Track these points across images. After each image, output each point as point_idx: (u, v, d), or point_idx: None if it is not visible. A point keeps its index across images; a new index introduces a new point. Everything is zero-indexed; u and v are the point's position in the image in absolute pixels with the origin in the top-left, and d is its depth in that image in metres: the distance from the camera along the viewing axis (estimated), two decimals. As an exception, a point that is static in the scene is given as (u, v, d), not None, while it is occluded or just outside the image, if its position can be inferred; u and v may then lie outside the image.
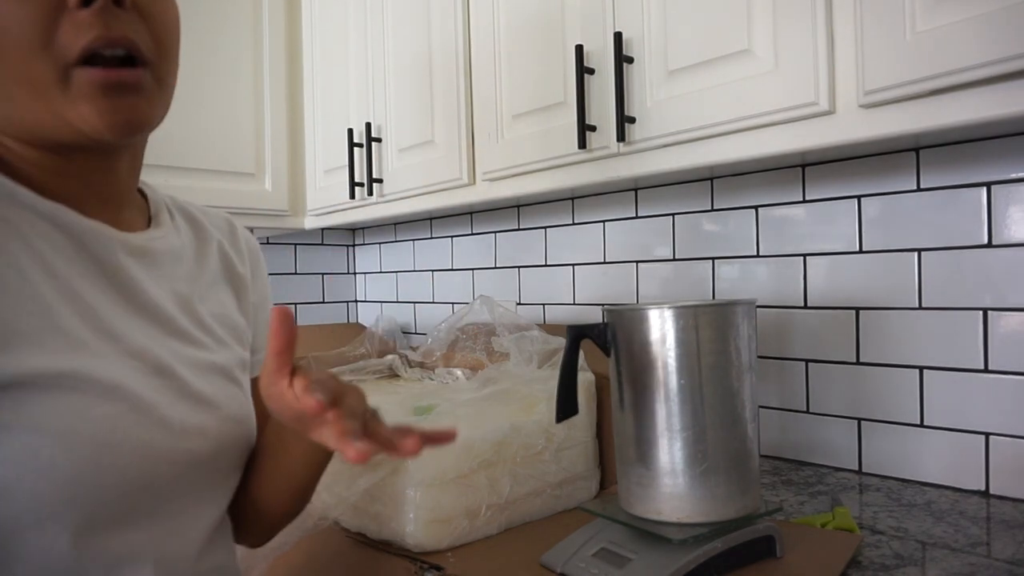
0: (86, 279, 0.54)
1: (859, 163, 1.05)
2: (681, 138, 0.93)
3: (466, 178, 1.26)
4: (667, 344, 0.72)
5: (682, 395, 0.72)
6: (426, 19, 1.33)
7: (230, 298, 0.71)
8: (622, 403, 0.76)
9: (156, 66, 0.55)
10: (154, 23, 0.55)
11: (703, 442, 0.72)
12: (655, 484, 0.73)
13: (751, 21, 0.85)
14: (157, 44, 0.55)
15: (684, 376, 0.72)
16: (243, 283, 0.73)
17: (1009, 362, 0.92)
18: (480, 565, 0.79)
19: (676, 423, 0.72)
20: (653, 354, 0.73)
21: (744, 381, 0.74)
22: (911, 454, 1.01)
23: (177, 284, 0.63)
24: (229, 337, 0.68)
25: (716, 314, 0.73)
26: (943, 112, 0.72)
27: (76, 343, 0.51)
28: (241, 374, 0.68)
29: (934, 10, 0.70)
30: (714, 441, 0.72)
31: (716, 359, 0.73)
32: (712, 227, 1.24)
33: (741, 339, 0.74)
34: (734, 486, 0.73)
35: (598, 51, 1.01)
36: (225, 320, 0.68)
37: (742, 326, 0.74)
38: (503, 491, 0.87)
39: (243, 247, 0.75)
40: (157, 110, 0.56)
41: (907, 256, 1.01)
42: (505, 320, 1.16)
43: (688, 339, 0.72)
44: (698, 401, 0.72)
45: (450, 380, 1.25)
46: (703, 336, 0.72)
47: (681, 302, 0.74)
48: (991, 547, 0.77)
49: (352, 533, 0.88)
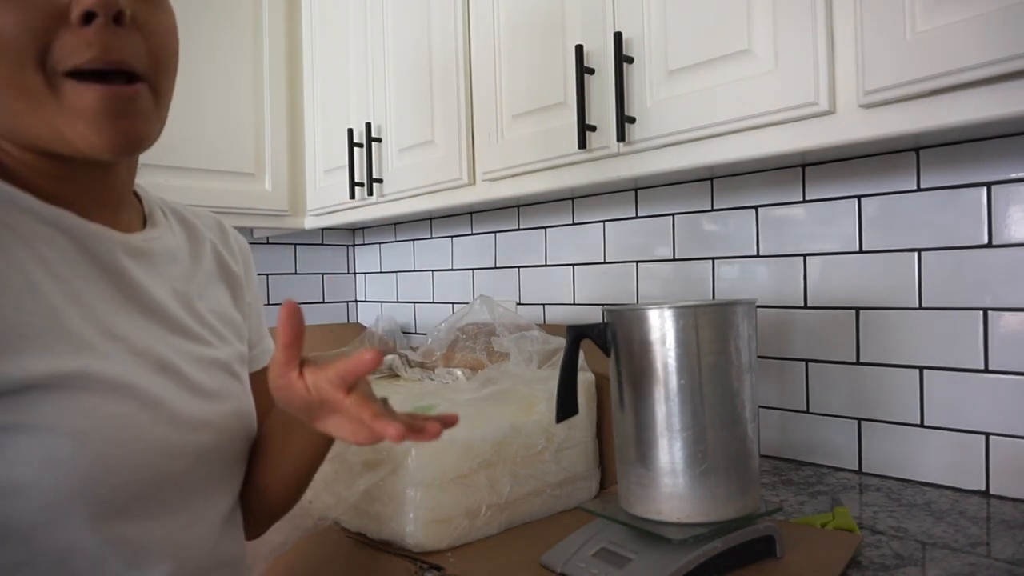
0: (88, 281, 0.55)
1: (859, 163, 1.05)
2: (681, 138, 0.93)
3: (466, 178, 1.26)
4: (667, 344, 0.72)
5: (682, 395, 0.72)
6: (426, 19, 1.33)
7: (226, 295, 0.72)
8: (622, 403, 0.76)
9: (153, 82, 0.55)
10: (152, 39, 0.55)
11: (703, 442, 0.72)
12: (655, 484, 0.73)
13: (751, 21, 0.85)
14: (154, 60, 0.55)
15: (685, 376, 0.72)
16: (237, 280, 0.74)
17: (1009, 362, 0.92)
18: (480, 565, 0.79)
19: (676, 423, 0.72)
20: (653, 354, 0.73)
21: (744, 381, 0.74)
22: (911, 454, 1.01)
23: (176, 283, 0.64)
24: (228, 332, 0.69)
25: (716, 314, 0.73)
26: (943, 112, 0.72)
27: (82, 344, 0.52)
28: (240, 368, 0.69)
29: (934, 10, 0.70)
30: (714, 441, 0.72)
31: (716, 359, 0.73)
32: (712, 227, 1.24)
33: (741, 339, 0.74)
34: (734, 486, 0.73)
35: (598, 51, 1.01)
36: (223, 316, 0.69)
37: (742, 326, 0.74)
38: (503, 491, 0.87)
39: (234, 245, 0.76)
40: (154, 127, 0.57)
41: (907, 256, 1.01)
42: (505, 320, 1.16)
43: (688, 339, 0.72)
44: (698, 401, 0.72)
45: (450, 380, 1.25)
46: (703, 336, 0.72)
47: (681, 302, 0.74)
48: (991, 547, 0.77)
49: (352, 533, 0.88)
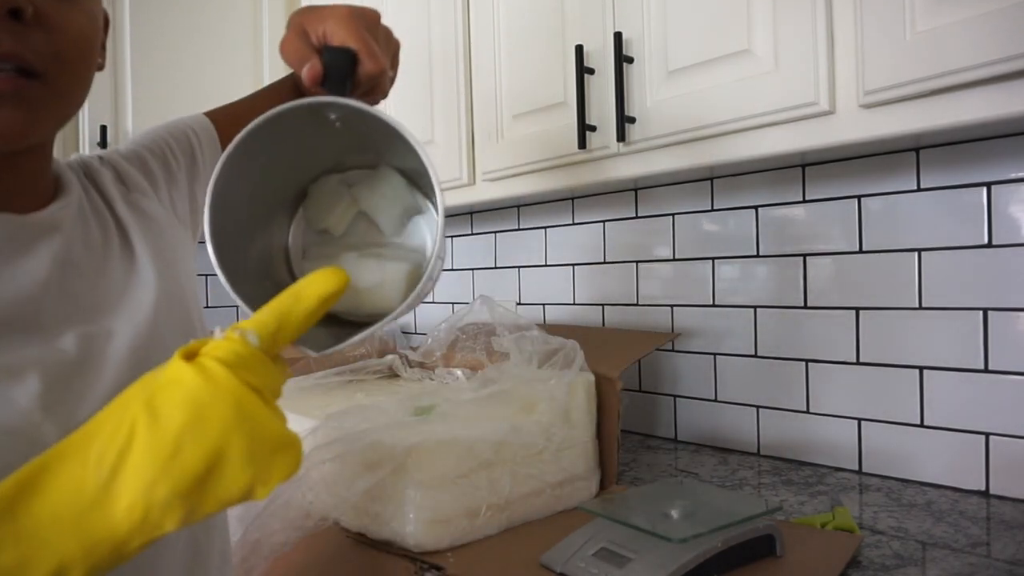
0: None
1: (859, 163, 1.05)
2: (681, 138, 0.93)
3: (466, 178, 1.26)
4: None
5: None
6: (426, 18, 1.33)
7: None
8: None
9: (52, 78, 0.52)
10: (59, 36, 0.52)
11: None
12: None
13: (751, 21, 0.85)
14: (57, 57, 0.52)
15: None
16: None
17: (1009, 362, 0.92)
18: (480, 565, 0.79)
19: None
20: None
21: None
22: (911, 454, 1.01)
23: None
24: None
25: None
26: (943, 112, 0.72)
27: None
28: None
29: (934, 10, 0.70)
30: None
31: None
32: (712, 227, 1.24)
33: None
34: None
35: (598, 51, 1.01)
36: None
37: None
38: (503, 491, 0.87)
39: (104, 179, 0.67)
40: (45, 122, 0.54)
41: (907, 256, 1.01)
42: (505, 320, 1.15)
43: None
44: None
45: (450, 380, 1.25)
46: None
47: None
48: (991, 547, 0.77)
49: (352, 533, 0.88)
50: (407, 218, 0.65)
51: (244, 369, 0.39)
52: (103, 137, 1.54)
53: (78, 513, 0.36)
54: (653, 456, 1.21)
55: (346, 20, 0.62)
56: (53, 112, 0.55)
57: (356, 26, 0.62)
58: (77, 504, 0.36)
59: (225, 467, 0.37)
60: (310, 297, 0.41)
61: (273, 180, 0.62)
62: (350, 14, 0.62)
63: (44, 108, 0.53)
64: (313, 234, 0.66)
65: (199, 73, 1.56)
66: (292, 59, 0.63)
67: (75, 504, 0.36)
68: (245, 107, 0.80)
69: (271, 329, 0.40)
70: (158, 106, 1.59)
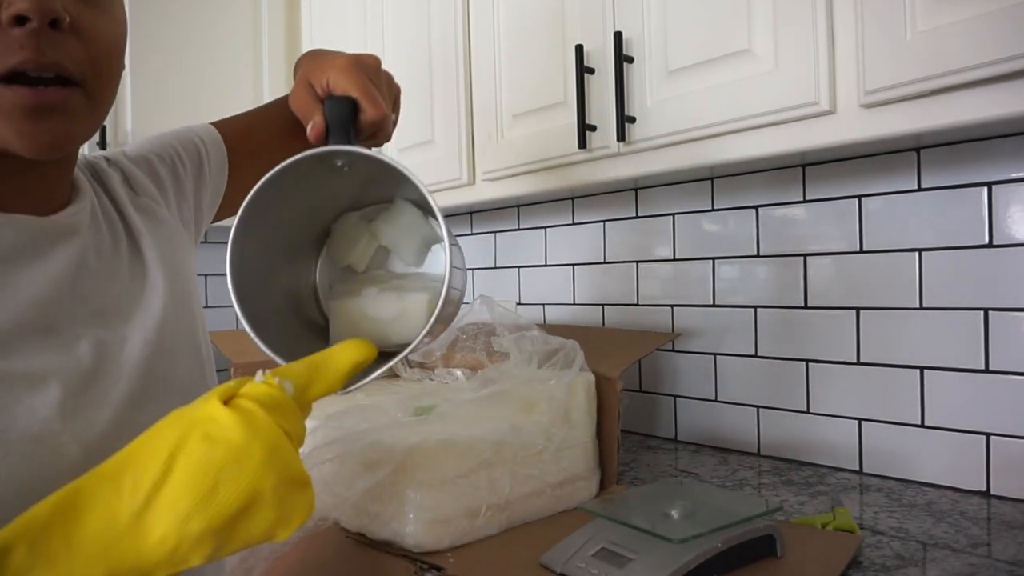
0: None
1: (859, 163, 1.05)
2: (681, 138, 0.92)
3: (466, 178, 1.25)
4: None
5: None
6: (426, 19, 1.33)
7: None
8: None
9: (90, 86, 0.53)
10: (93, 44, 0.53)
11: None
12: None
13: (751, 21, 0.85)
14: (93, 64, 0.53)
15: None
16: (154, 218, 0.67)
17: (1010, 362, 0.92)
18: (480, 565, 0.79)
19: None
20: None
21: None
22: (912, 454, 1.01)
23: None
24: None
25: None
26: (943, 112, 0.72)
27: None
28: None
29: (934, 10, 0.70)
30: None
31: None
32: (712, 227, 1.24)
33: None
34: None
35: (598, 51, 1.01)
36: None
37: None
38: (503, 491, 0.87)
39: (113, 182, 0.67)
40: (84, 129, 0.55)
41: (907, 256, 1.01)
42: (505, 320, 1.15)
43: None
44: None
45: (450, 380, 1.25)
46: None
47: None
48: (992, 548, 0.77)
49: (352, 533, 0.88)
50: (426, 248, 0.68)
51: (280, 414, 0.41)
52: (103, 138, 1.54)
53: (111, 540, 0.37)
54: (653, 456, 1.21)
55: (347, 70, 0.63)
56: (92, 119, 0.55)
57: (357, 75, 0.63)
58: (110, 531, 0.37)
59: (259, 506, 0.38)
60: (340, 363, 0.46)
61: (295, 223, 0.65)
62: (350, 64, 0.64)
63: (85, 116, 0.54)
64: (338, 271, 0.69)
65: (199, 74, 1.56)
66: (300, 113, 0.66)
67: (108, 531, 0.37)
68: (253, 119, 0.81)
69: (303, 381, 0.44)
70: (158, 107, 1.59)
